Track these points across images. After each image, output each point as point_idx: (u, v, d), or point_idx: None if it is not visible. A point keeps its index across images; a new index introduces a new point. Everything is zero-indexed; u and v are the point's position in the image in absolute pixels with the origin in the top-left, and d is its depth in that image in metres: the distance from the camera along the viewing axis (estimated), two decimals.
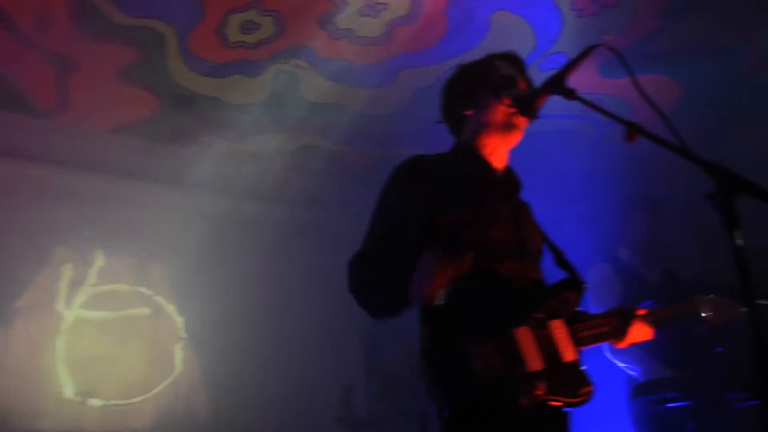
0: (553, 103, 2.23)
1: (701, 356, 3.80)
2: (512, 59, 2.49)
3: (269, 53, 4.25)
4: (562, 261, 2.37)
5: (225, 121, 4.91)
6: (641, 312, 2.35)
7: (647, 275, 4.36)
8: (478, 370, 1.89)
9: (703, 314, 2.60)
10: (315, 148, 5.35)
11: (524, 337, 2.01)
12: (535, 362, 1.99)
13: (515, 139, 2.37)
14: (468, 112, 2.41)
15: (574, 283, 2.26)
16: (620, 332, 2.29)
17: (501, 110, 2.32)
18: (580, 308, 2.26)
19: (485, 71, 2.42)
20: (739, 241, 1.77)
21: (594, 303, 4.31)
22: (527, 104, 2.27)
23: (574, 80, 4.57)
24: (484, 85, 2.38)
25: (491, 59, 2.48)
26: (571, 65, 2.21)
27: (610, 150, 4.61)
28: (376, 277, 2.14)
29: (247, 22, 3.96)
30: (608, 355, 4.16)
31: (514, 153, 2.44)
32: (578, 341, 2.14)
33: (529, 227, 2.38)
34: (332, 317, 5.55)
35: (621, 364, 4.15)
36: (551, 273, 2.36)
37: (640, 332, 2.33)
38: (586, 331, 2.19)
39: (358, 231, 2.29)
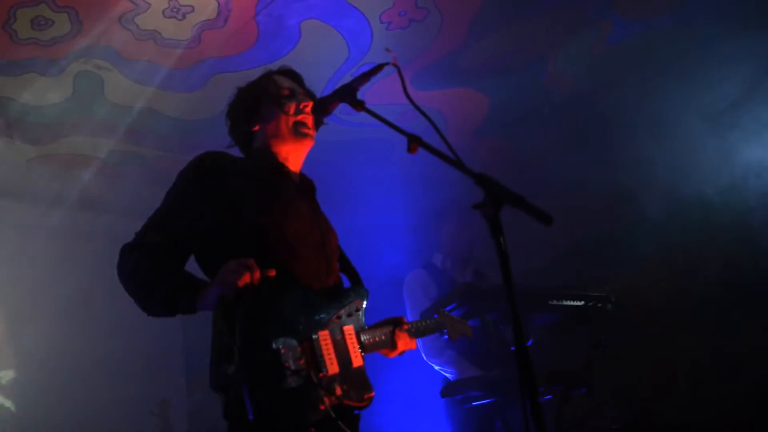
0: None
1: (505, 356, 4.00)
2: (290, 74, 2.52)
3: (66, 51, 3.97)
4: (348, 268, 2.45)
5: (20, 122, 4.53)
6: (405, 325, 2.47)
7: (459, 278, 4.54)
8: (290, 373, 1.91)
9: (445, 330, 2.88)
10: (124, 153, 5.08)
11: (325, 341, 2.07)
12: (333, 366, 2.05)
13: (307, 145, 2.42)
14: (255, 128, 2.41)
15: (359, 291, 2.34)
16: (392, 342, 2.39)
17: (286, 120, 2.37)
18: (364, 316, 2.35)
19: (266, 86, 2.44)
20: (503, 248, 1.87)
21: (410, 306, 4.44)
22: (320, 109, 2.33)
23: (388, 92, 4.71)
24: (267, 99, 2.40)
25: (269, 75, 2.50)
26: (362, 78, 2.27)
27: (421, 159, 4.77)
28: (144, 276, 2.08)
29: (39, 18, 3.67)
30: (424, 357, 4.29)
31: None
32: (363, 348, 2.24)
33: (327, 228, 2.42)
34: (148, 327, 5.27)
35: (436, 367, 4.29)
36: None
37: (406, 342, 2.44)
38: (369, 338, 2.29)
39: None
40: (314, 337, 2.04)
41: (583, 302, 3.84)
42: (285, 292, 2.07)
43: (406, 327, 2.45)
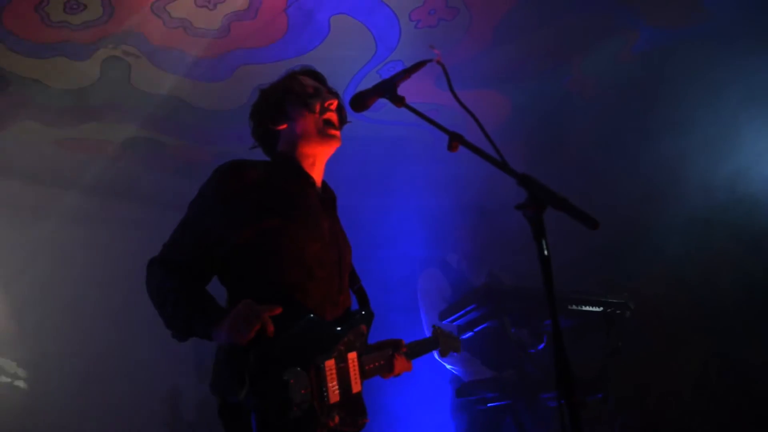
0: (390, 111, 2.24)
1: (519, 358, 4.01)
2: (313, 74, 2.51)
3: (96, 37, 3.98)
4: (358, 288, 2.44)
5: (45, 105, 4.54)
6: (404, 348, 2.48)
7: (474, 280, 4.53)
8: (296, 402, 1.92)
9: (438, 348, 2.94)
10: (146, 140, 5.09)
11: (330, 371, 2.07)
12: (335, 395, 2.06)
13: (333, 147, 2.39)
14: (281, 127, 2.38)
15: (365, 316, 2.33)
16: (390, 365, 2.40)
17: (313, 119, 2.34)
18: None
19: (290, 86, 2.41)
20: (545, 251, 1.87)
21: (424, 305, 4.44)
22: (359, 104, 2.24)
23: (414, 90, 4.68)
24: (292, 98, 2.37)
25: (293, 75, 2.48)
26: (404, 74, 2.24)
27: (443, 160, 4.78)
28: (166, 296, 2.08)
29: (72, 2, 3.68)
30: (436, 356, 4.29)
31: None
32: (363, 374, 2.24)
33: (344, 245, 2.40)
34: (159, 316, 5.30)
35: (448, 366, 4.29)
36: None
37: (403, 365, 2.46)
38: (370, 364, 2.30)
39: None
40: (321, 366, 2.04)
41: (602, 308, 3.84)
42: (296, 320, 2.05)
43: (404, 350, 2.47)
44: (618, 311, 3.85)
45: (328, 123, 2.35)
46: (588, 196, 5.23)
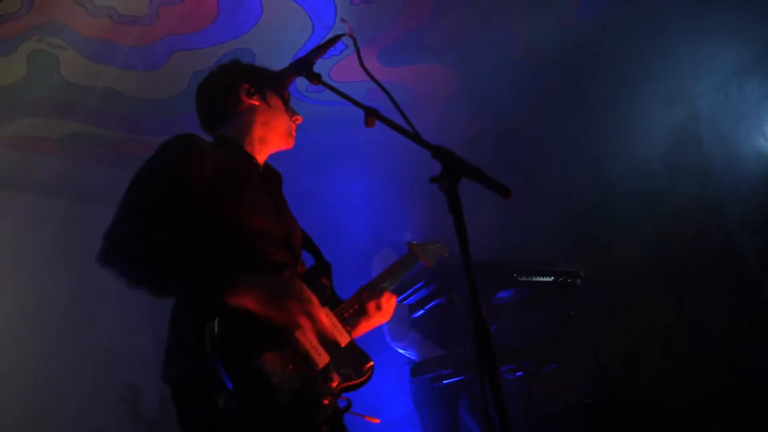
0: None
1: (470, 334, 3.94)
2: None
3: (18, 30, 3.84)
4: (309, 245, 2.39)
5: None
6: (374, 283, 2.39)
7: None
8: (279, 387, 1.80)
9: (420, 261, 2.76)
10: (85, 135, 4.94)
11: (304, 334, 1.96)
12: (322, 356, 1.98)
13: (287, 147, 2.38)
14: (251, 101, 2.30)
15: (322, 267, 2.28)
16: (364, 309, 2.27)
17: (287, 121, 2.34)
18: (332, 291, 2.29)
19: (277, 77, 2.33)
20: (460, 223, 1.82)
21: None
22: (276, 83, 2.29)
23: (357, 69, 4.56)
24: (278, 87, 2.34)
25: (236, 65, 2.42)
26: (318, 51, 2.21)
27: (392, 139, 4.71)
28: (171, 235, 1.93)
29: None
30: (388, 340, 4.25)
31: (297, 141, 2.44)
32: (345, 322, 2.18)
33: (292, 221, 2.34)
34: (116, 310, 5.16)
35: (400, 350, 4.25)
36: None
37: (387, 302, 2.32)
38: (349, 310, 2.23)
39: None
40: (292, 336, 1.93)
41: (552, 278, 3.80)
42: None
43: (376, 284, 2.36)
44: (569, 279, 3.81)
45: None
46: (542, 167, 5.27)
